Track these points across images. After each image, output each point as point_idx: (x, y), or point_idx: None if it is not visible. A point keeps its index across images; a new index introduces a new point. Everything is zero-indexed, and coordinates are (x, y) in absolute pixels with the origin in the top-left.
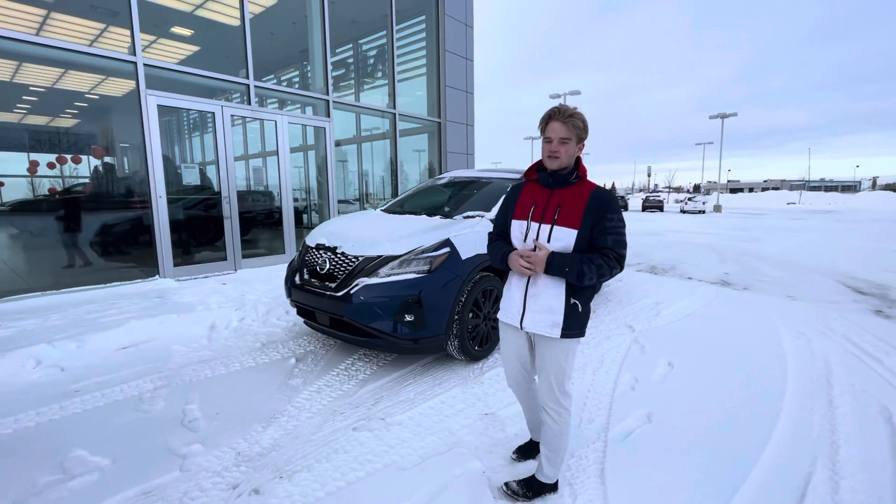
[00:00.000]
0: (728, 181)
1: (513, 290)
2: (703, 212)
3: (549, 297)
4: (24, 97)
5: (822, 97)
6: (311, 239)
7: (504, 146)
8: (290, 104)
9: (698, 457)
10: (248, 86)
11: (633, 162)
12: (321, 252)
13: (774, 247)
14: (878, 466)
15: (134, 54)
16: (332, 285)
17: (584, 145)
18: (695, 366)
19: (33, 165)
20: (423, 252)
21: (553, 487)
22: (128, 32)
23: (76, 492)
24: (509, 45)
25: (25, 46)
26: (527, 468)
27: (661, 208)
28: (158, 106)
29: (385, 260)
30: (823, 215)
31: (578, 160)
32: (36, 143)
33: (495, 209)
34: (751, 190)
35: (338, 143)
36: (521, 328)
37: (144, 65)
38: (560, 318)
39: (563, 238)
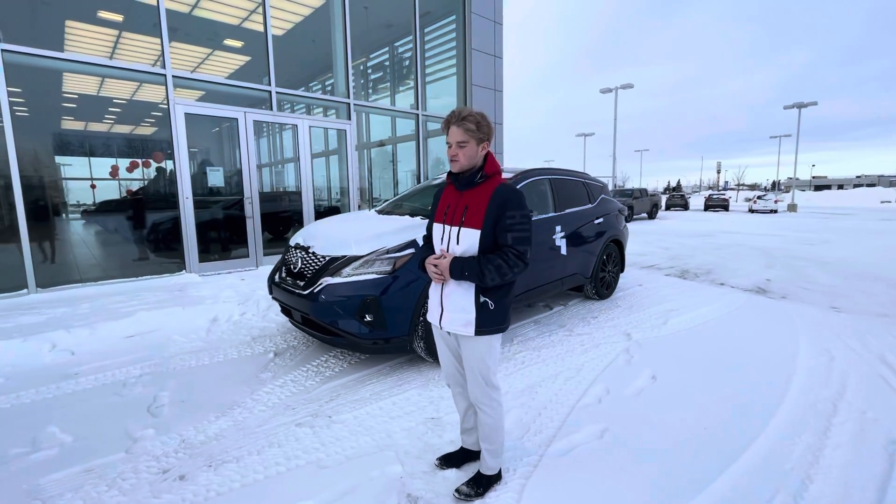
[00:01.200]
0: (813, 177)
1: (433, 292)
2: (775, 211)
3: (460, 297)
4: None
5: None
6: (294, 238)
7: (560, 144)
8: (315, 108)
9: (640, 479)
10: (270, 92)
11: (701, 157)
12: (297, 251)
13: (842, 251)
14: None
15: (164, 67)
16: (301, 284)
17: (487, 145)
18: (681, 380)
19: (114, 170)
20: (386, 253)
21: (498, 477)
22: (158, 45)
23: (34, 464)
24: (570, 42)
25: (72, 65)
26: (444, 476)
27: (726, 207)
28: (186, 114)
29: (349, 260)
30: None
31: (488, 159)
32: (100, 151)
33: None
34: (840, 187)
35: (381, 144)
36: (441, 328)
37: (173, 76)
38: (472, 316)
39: (469, 239)
